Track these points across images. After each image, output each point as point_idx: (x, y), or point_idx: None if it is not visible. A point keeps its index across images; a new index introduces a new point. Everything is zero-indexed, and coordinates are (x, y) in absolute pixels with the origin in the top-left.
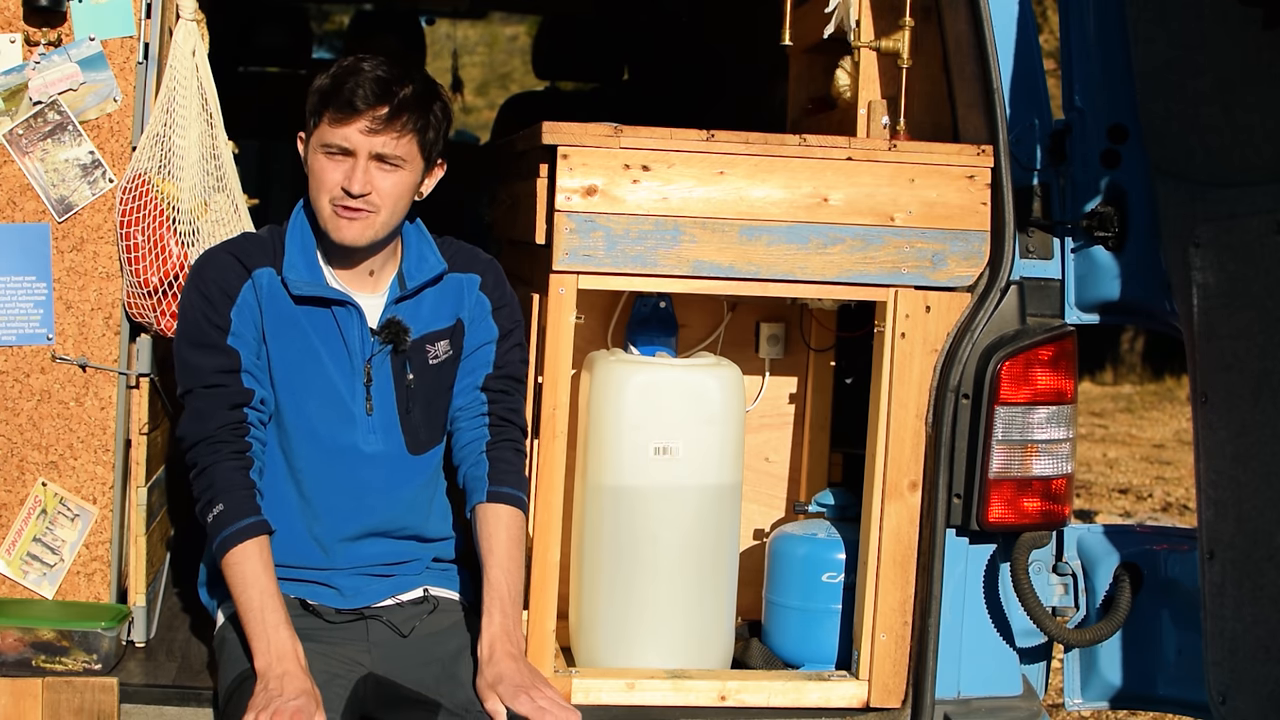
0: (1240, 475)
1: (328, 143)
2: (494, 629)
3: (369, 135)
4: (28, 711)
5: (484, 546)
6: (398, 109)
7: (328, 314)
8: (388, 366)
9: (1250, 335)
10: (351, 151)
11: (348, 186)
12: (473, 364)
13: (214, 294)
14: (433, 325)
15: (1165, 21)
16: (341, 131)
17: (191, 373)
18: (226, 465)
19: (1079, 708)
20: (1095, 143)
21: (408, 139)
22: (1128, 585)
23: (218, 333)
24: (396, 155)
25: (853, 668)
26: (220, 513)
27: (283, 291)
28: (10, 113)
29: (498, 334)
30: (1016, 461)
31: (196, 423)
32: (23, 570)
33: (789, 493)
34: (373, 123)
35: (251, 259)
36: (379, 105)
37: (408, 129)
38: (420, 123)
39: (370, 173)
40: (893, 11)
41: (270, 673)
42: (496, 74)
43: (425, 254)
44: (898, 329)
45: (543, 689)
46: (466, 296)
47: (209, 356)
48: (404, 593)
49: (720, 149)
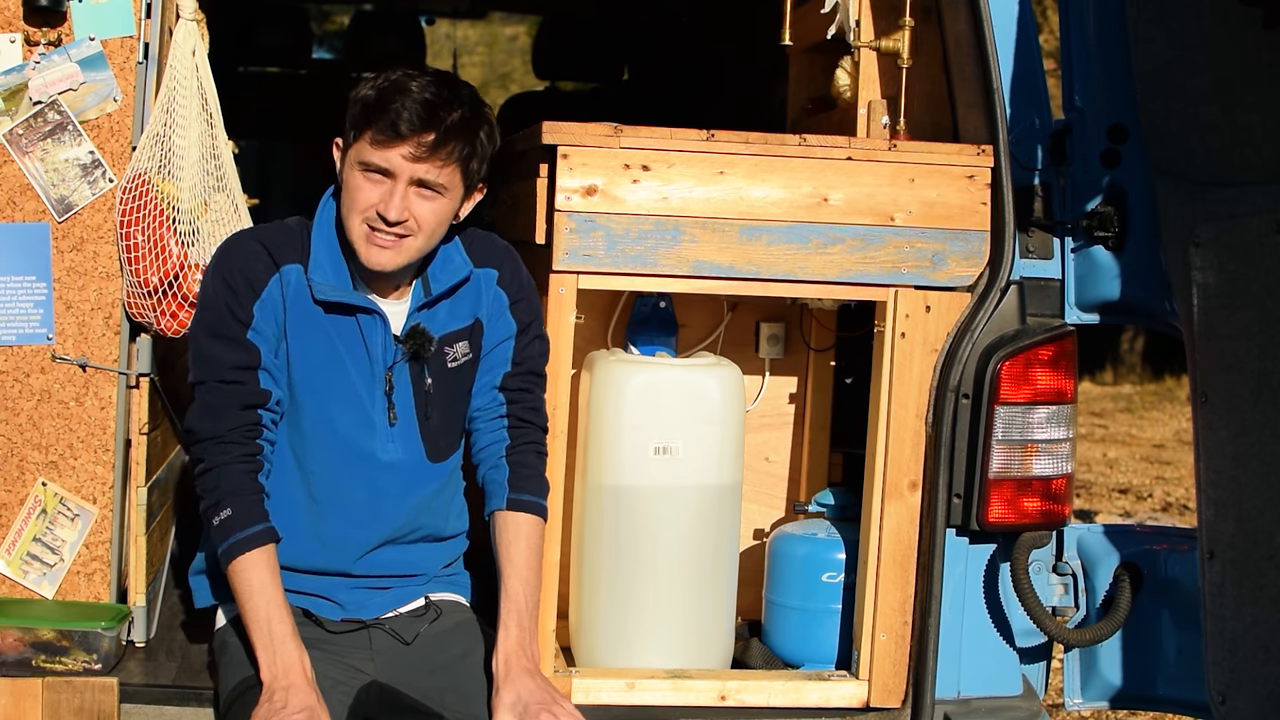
0: (1240, 475)
1: (366, 161)
2: (510, 644)
3: (412, 162)
4: (28, 711)
5: (503, 555)
6: (444, 137)
7: (352, 320)
8: (407, 373)
9: (1250, 335)
10: (391, 174)
11: (384, 212)
12: (491, 362)
13: (239, 284)
14: (450, 325)
15: (1165, 21)
16: (383, 154)
17: (208, 364)
18: (236, 468)
19: (1079, 708)
20: (1095, 143)
21: (451, 167)
22: (1128, 585)
23: (239, 326)
24: (439, 183)
25: (853, 668)
26: (228, 517)
27: (302, 292)
28: (10, 113)
29: (515, 329)
30: (1016, 461)
31: (208, 419)
32: (23, 570)
33: (789, 493)
34: (417, 149)
35: (282, 253)
36: (425, 132)
37: (452, 158)
38: (466, 150)
39: (409, 198)
40: (893, 11)
41: (275, 685)
42: (496, 74)
43: (451, 254)
44: (898, 329)
45: (563, 705)
46: (485, 293)
47: (228, 350)
48: (404, 605)
49: (720, 149)
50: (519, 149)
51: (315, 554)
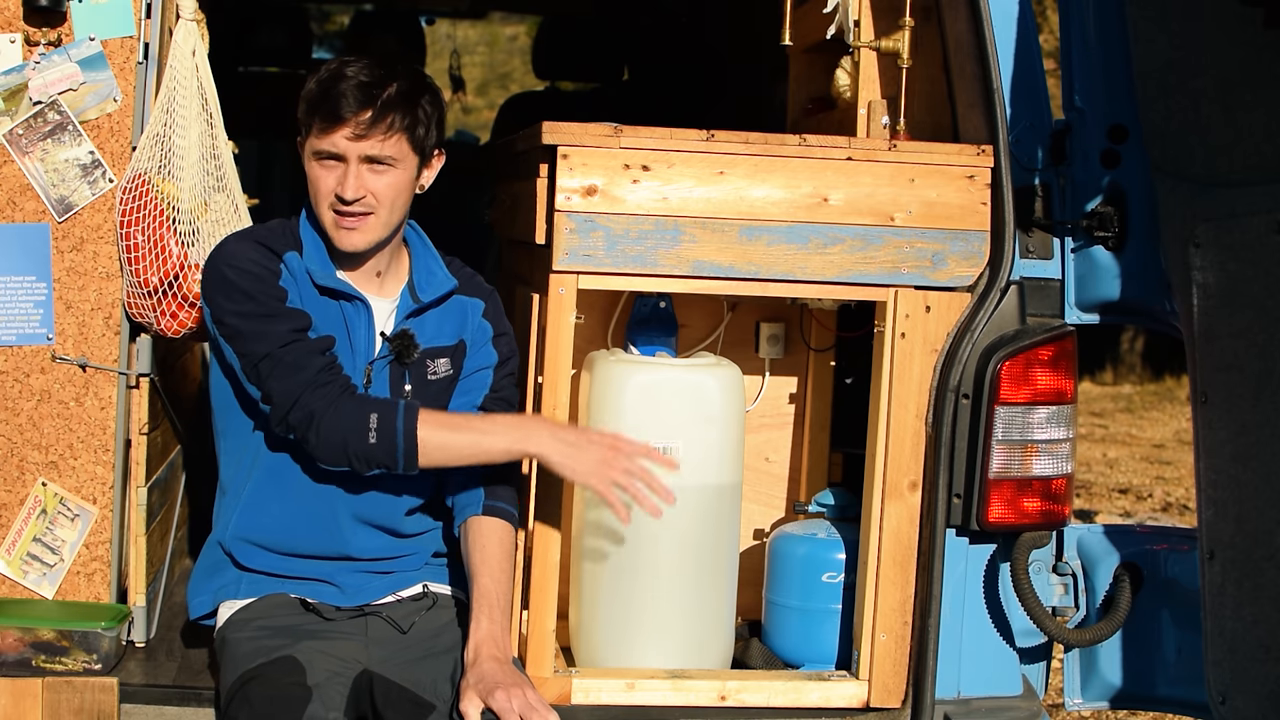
0: (1240, 475)
1: (318, 150)
2: (480, 634)
3: (356, 141)
4: (28, 711)
5: (475, 557)
6: (382, 111)
7: (337, 308)
8: (386, 373)
9: (1250, 335)
10: (342, 157)
11: (341, 193)
12: (471, 384)
13: (261, 272)
14: (437, 341)
15: (1165, 21)
16: (329, 139)
17: (265, 339)
18: (347, 402)
19: (1079, 708)
20: (1095, 143)
21: (395, 138)
22: (1128, 585)
23: (277, 302)
24: (387, 155)
25: (853, 668)
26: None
27: (305, 277)
28: (10, 113)
29: (496, 360)
30: (1016, 461)
31: (292, 375)
32: (23, 570)
33: (789, 493)
34: (357, 128)
35: (276, 244)
36: (362, 110)
37: (394, 129)
38: (408, 120)
39: (362, 176)
40: (893, 11)
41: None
42: (496, 74)
43: (433, 268)
44: (898, 329)
45: (524, 689)
46: (470, 319)
47: (278, 323)
48: (404, 589)
49: (720, 149)
50: (519, 149)
51: (310, 537)
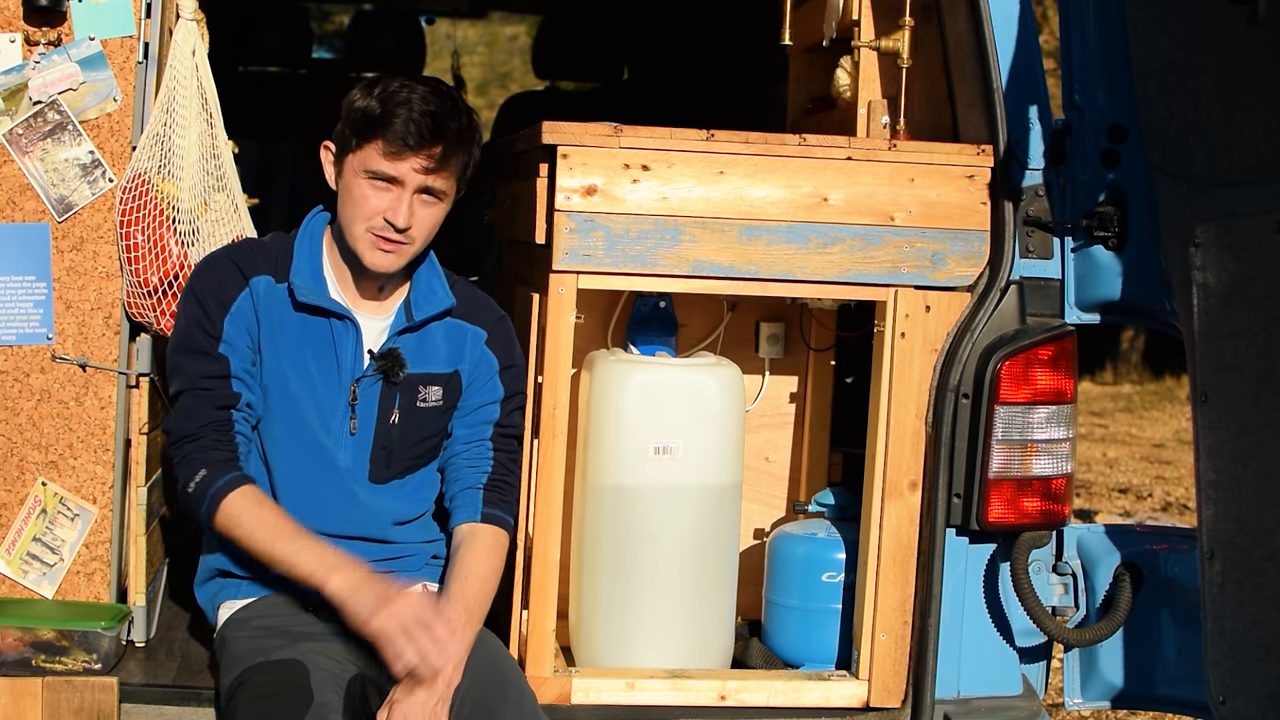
0: (1240, 475)
1: (376, 170)
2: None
3: (422, 174)
4: (28, 711)
5: (463, 560)
6: (451, 148)
7: (325, 325)
8: (375, 393)
9: (1250, 335)
10: (400, 182)
11: (393, 219)
12: (476, 419)
13: (209, 302)
14: (429, 367)
15: (1165, 21)
16: (394, 164)
17: (182, 376)
18: (211, 453)
19: (1079, 707)
20: (1095, 143)
21: (452, 174)
22: (1128, 585)
23: (209, 340)
24: (441, 190)
25: (853, 667)
26: (203, 476)
27: (282, 298)
28: (10, 113)
29: (503, 395)
30: (1016, 461)
31: (183, 420)
32: (23, 570)
33: (789, 492)
34: (427, 160)
35: (251, 267)
36: (434, 144)
37: (455, 167)
38: (466, 159)
39: (414, 205)
40: (893, 11)
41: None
42: (496, 74)
43: (434, 286)
44: (897, 329)
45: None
46: (469, 351)
47: (199, 362)
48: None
49: (720, 149)
50: (519, 149)
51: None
